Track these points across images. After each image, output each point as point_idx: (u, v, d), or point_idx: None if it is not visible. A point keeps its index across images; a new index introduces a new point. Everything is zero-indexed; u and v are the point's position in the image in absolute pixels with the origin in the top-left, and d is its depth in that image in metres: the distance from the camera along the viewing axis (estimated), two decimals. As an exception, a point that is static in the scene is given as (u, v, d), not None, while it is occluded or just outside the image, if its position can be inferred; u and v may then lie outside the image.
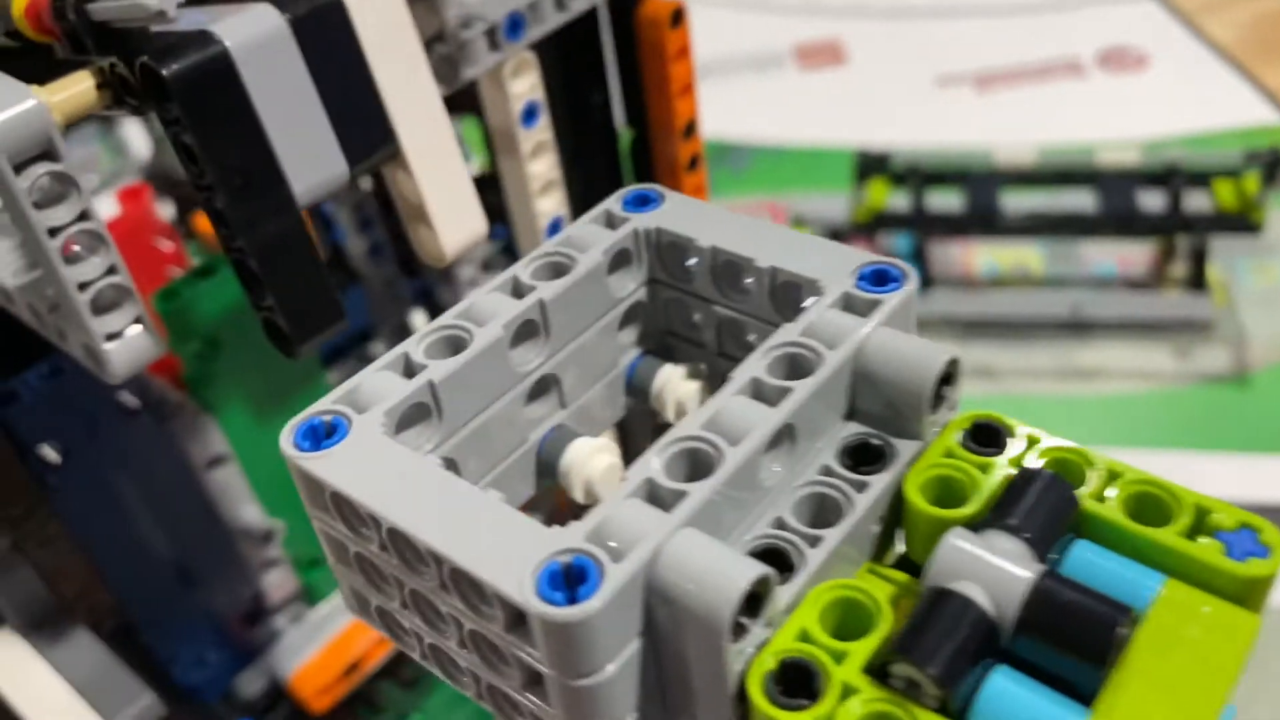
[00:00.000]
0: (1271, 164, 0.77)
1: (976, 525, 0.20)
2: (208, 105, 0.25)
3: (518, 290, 0.25)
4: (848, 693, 0.18)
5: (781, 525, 0.21)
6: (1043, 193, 0.80)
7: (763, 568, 0.18)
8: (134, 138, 0.75)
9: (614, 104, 0.43)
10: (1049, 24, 1.09)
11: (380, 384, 0.23)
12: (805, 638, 0.19)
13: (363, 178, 0.30)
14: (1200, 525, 0.20)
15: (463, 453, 0.24)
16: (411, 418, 0.23)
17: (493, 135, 0.39)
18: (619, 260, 0.27)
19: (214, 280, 0.41)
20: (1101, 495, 0.21)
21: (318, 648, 0.47)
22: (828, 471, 0.22)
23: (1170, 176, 0.76)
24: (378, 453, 0.21)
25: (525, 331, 0.25)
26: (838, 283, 0.24)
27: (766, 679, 0.19)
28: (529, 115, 0.38)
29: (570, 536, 0.19)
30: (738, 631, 0.19)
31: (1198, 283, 0.76)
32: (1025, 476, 0.21)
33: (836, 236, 0.55)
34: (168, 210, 0.57)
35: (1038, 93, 1.00)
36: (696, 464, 0.21)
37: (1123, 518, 0.20)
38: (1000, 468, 0.22)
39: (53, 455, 0.38)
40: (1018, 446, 0.22)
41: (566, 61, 0.41)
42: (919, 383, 0.22)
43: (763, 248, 0.25)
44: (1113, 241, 0.79)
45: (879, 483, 0.22)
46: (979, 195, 0.78)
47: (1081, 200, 0.78)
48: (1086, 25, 1.08)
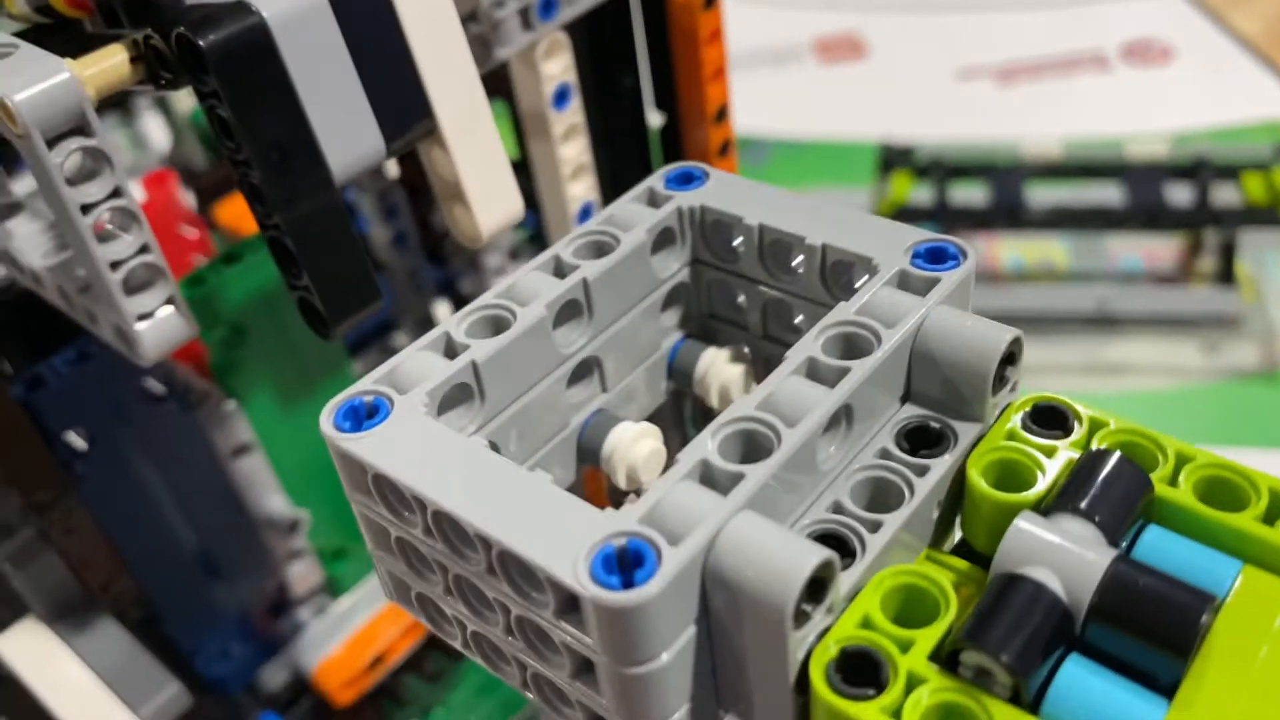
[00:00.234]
0: (1302, 157, 0.76)
1: (1044, 510, 0.20)
2: (245, 77, 0.24)
3: (559, 270, 0.25)
4: (914, 682, 0.18)
5: (839, 510, 0.21)
6: (1068, 186, 0.79)
7: (827, 551, 0.18)
8: (153, 130, 0.74)
9: (644, 88, 0.42)
10: (1072, 17, 1.08)
11: (422, 364, 0.22)
12: (868, 625, 0.19)
13: (387, 164, 0.29)
14: (1277, 510, 0.19)
15: (504, 436, 0.24)
16: (454, 399, 0.22)
17: (523, 118, 0.39)
18: (663, 239, 0.26)
19: (240, 266, 0.40)
20: (1173, 479, 0.20)
21: (342, 641, 0.47)
22: (885, 455, 0.21)
23: (1198, 170, 0.76)
24: (421, 433, 0.21)
25: (568, 312, 0.24)
26: (893, 261, 0.23)
27: (829, 667, 0.18)
28: (561, 97, 0.37)
29: (625, 519, 0.18)
30: (800, 618, 0.18)
31: (1226, 277, 0.75)
32: (1094, 459, 0.20)
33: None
34: (189, 201, 0.57)
35: (1061, 86, 0.99)
36: (751, 446, 0.20)
37: (1196, 502, 0.20)
38: (1064, 451, 0.21)
39: (79, 442, 0.38)
40: (1079, 430, 0.21)
41: (597, 44, 0.40)
42: (982, 363, 0.21)
43: (812, 225, 0.24)
44: (1139, 235, 0.78)
45: (940, 466, 0.21)
46: (1004, 189, 0.77)
47: (1108, 194, 0.77)
48: (1110, 18, 1.07)
